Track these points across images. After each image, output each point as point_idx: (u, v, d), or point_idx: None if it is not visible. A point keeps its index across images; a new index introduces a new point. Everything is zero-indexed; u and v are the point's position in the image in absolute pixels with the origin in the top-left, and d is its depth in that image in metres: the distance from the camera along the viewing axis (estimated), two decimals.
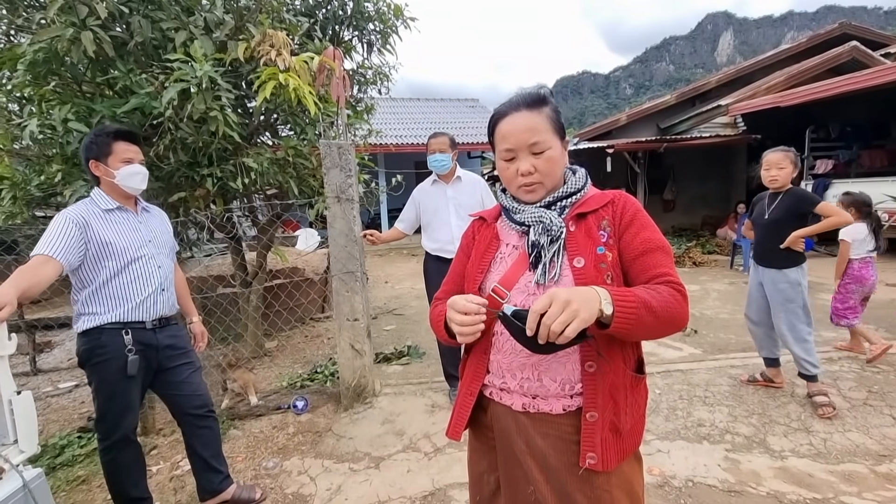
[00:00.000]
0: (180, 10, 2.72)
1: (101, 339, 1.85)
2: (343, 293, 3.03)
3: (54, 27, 2.36)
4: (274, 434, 2.83)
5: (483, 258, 1.14)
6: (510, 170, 1.07)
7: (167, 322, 2.07)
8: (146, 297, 1.94)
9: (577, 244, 1.03)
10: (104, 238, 1.85)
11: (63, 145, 2.74)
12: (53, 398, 3.70)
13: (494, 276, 1.09)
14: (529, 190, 1.07)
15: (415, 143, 12.67)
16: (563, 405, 1.03)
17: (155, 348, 1.98)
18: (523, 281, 1.05)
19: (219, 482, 2.15)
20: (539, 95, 1.06)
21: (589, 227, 1.05)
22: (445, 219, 3.01)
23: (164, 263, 2.05)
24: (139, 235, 1.97)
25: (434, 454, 2.53)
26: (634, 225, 1.04)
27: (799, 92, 8.07)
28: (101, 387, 1.87)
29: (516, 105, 1.05)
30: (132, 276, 1.91)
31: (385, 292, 7.09)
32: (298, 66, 2.66)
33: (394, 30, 4.04)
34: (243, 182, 2.97)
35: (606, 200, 1.08)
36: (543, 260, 1.02)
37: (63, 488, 2.40)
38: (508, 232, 1.14)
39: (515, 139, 1.03)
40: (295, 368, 3.87)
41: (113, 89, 2.81)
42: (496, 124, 1.09)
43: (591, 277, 0.98)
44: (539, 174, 1.04)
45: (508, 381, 1.07)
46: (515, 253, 1.10)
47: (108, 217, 1.90)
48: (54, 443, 2.74)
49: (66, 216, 1.78)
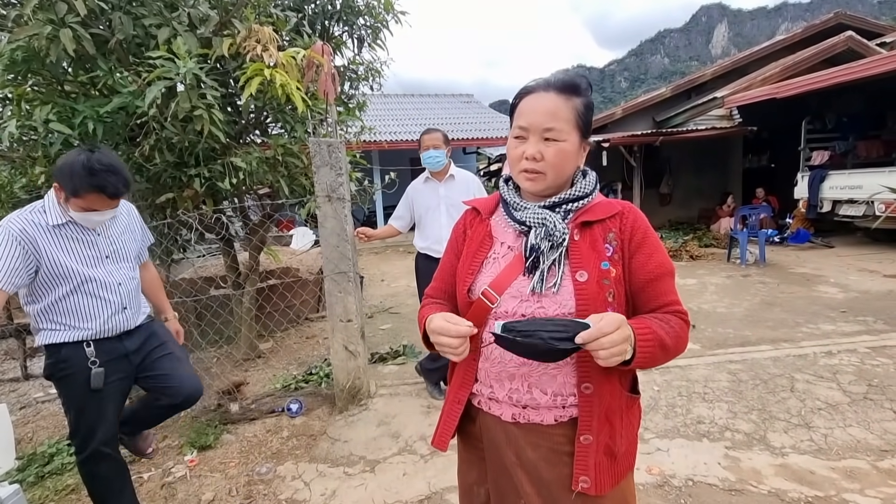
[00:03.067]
0: (163, 6, 2.65)
1: (62, 353, 1.75)
2: (336, 294, 2.98)
3: (32, 25, 2.29)
4: (268, 438, 2.79)
5: (475, 258, 1.06)
6: (517, 150, 0.99)
7: (137, 327, 1.95)
8: (105, 317, 1.80)
9: (580, 256, 0.97)
10: (53, 258, 1.68)
11: (45, 146, 2.67)
12: (44, 404, 3.64)
13: (485, 279, 1.02)
14: (529, 178, 0.99)
15: (409, 140, 12.58)
16: (556, 416, 0.99)
17: (124, 355, 1.87)
18: (516, 286, 0.98)
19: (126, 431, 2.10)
20: (573, 83, 0.97)
21: (594, 237, 0.98)
22: (436, 218, 2.97)
23: (125, 279, 1.88)
24: (95, 252, 1.79)
25: (430, 456, 2.49)
26: (646, 246, 0.99)
27: (794, 83, 8.03)
28: (69, 402, 1.80)
29: (546, 85, 0.97)
30: (87, 297, 1.76)
31: (381, 290, 7.04)
32: (286, 62, 2.60)
33: (384, 25, 3.97)
34: (232, 182, 2.91)
35: (614, 211, 1.01)
36: (541, 266, 0.96)
37: (51, 498, 2.35)
38: (504, 230, 1.07)
39: (531, 119, 0.96)
40: (289, 370, 3.82)
41: (96, 88, 2.74)
42: (521, 99, 1.01)
43: (592, 293, 0.93)
44: (545, 164, 0.96)
45: (497, 391, 1.02)
46: (510, 254, 1.03)
47: (58, 233, 1.70)
48: (43, 451, 2.68)
49: (8, 232, 1.59)
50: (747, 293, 5.41)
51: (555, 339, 0.81)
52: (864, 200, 6.88)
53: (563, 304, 0.94)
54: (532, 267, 0.97)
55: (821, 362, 3.30)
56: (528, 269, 0.98)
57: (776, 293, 5.32)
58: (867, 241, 7.74)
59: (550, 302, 0.95)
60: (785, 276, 6.10)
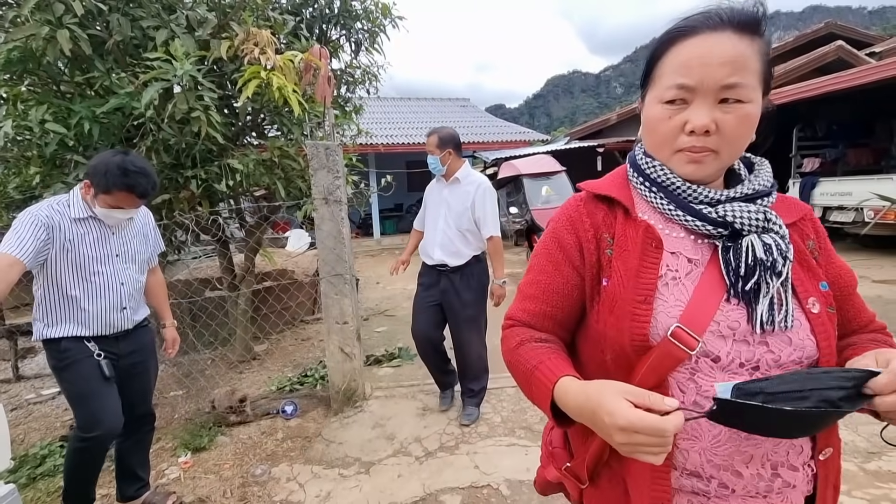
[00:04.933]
0: (161, 8, 2.67)
1: (61, 345, 1.82)
2: (332, 296, 2.98)
3: (29, 25, 2.30)
4: (263, 440, 2.78)
5: (642, 277, 0.70)
6: (672, 121, 0.69)
7: (135, 328, 2.02)
8: (104, 314, 1.88)
9: (800, 275, 0.71)
10: (70, 245, 1.78)
11: (41, 147, 2.66)
12: (35, 405, 3.61)
13: (669, 310, 0.69)
14: (695, 159, 0.69)
15: (406, 143, 12.63)
16: (799, 497, 0.71)
17: (117, 356, 1.95)
18: (724, 320, 0.68)
19: (136, 489, 2.18)
20: (755, 16, 0.66)
21: (799, 248, 0.73)
22: (434, 221, 2.84)
23: (129, 279, 1.96)
24: (106, 249, 1.88)
25: (425, 458, 2.50)
26: (833, 252, 0.79)
27: (786, 91, 8.14)
28: (73, 390, 1.85)
29: (717, 20, 0.66)
30: (91, 292, 1.84)
31: (377, 293, 7.04)
32: (283, 65, 2.62)
33: (381, 29, 4.00)
34: (228, 184, 2.91)
35: (804, 211, 0.77)
36: (769, 291, 0.67)
37: (43, 500, 2.33)
38: (670, 234, 0.74)
39: (703, 72, 0.65)
40: (285, 372, 3.82)
41: (93, 89, 2.75)
42: (672, 43, 0.69)
43: (828, 328, 0.69)
44: (719, 138, 0.67)
45: (729, 480, 0.68)
46: (695, 272, 0.71)
47: (77, 225, 1.82)
48: (35, 452, 2.67)
49: (37, 216, 1.72)
50: None
51: (843, 400, 0.58)
52: (854, 207, 6.97)
53: (799, 346, 0.67)
54: (745, 292, 0.68)
55: None
56: (738, 293, 0.68)
57: None
58: (857, 247, 7.84)
59: (780, 342, 0.67)
60: None
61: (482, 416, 2.88)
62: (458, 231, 2.75)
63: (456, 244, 2.75)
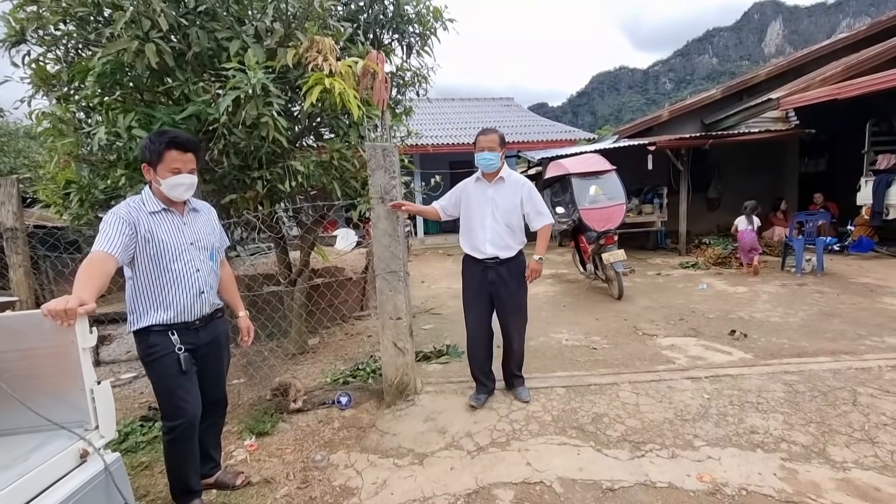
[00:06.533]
0: (234, 21, 2.85)
1: (150, 339, 1.96)
2: (386, 292, 3.09)
3: (121, 40, 2.52)
4: (320, 428, 2.92)
5: None
6: None
7: (212, 317, 2.17)
8: (185, 300, 2.00)
9: None
10: (151, 234, 1.93)
11: (127, 151, 2.92)
12: (115, 388, 3.94)
13: None
14: None
15: (451, 144, 12.72)
16: None
17: (196, 346, 2.08)
18: None
19: (209, 468, 2.34)
20: None
21: None
22: (481, 220, 2.96)
23: (204, 266, 2.09)
24: (181, 238, 2.01)
25: (477, 453, 2.54)
26: None
27: (859, 83, 7.57)
28: (160, 383, 2.01)
29: None
30: (171, 279, 1.97)
31: (422, 292, 7.15)
32: (344, 71, 2.74)
33: (433, 32, 4.09)
34: (291, 184, 3.08)
35: None
36: None
37: (128, 473, 2.55)
38: None
39: None
40: (337, 365, 3.97)
41: (171, 97, 2.97)
42: None
43: None
44: None
45: None
46: None
47: (154, 217, 1.96)
48: (118, 430, 2.91)
49: (118, 215, 1.87)
50: (803, 303, 5.16)
51: None
52: None
53: None
54: None
55: (886, 376, 3.14)
56: None
57: (836, 303, 5.05)
58: None
59: None
60: (846, 286, 5.78)
61: (532, 415, 2.90)
62: (506, 227, 2.96)
63: (505, 239, 2.96)
